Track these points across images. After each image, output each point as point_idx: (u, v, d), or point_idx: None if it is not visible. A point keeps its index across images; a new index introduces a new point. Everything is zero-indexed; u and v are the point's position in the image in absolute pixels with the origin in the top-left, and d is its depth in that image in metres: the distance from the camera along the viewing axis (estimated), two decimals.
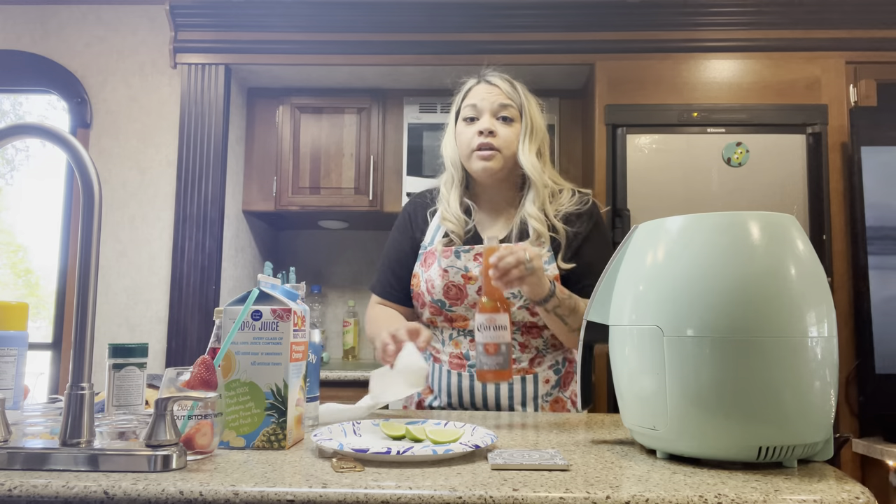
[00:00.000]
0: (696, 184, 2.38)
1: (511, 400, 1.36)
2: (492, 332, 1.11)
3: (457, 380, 1.38)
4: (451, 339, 1.40)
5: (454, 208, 1.42)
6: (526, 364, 1.38)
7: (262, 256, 3.06)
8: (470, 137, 1.39)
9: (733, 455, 0.79)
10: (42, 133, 0.82)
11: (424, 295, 1.41)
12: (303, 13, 2.58)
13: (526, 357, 1.38)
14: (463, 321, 1.39)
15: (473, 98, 1.41)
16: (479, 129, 1.37)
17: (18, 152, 3.40)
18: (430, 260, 1.41)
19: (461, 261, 1.38)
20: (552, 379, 1.40)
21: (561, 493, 0.68)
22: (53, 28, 2.91)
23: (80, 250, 0.82)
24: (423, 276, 1.41)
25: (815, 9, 2.45)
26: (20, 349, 1.03)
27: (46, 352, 2.86)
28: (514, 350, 1.35)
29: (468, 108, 1.41)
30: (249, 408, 0.88)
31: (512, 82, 1.43)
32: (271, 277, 0.99)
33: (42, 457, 0.76)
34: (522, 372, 1.37)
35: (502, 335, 1.12)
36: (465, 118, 1.41)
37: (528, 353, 1.38)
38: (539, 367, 1.39)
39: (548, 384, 1.39)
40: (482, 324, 1.12)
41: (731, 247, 0.80)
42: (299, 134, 2.81)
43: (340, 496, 0.68)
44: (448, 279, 1.37)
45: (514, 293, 1.34)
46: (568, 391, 1.43)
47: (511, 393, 1.36)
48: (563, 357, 1.43)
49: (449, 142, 1.47)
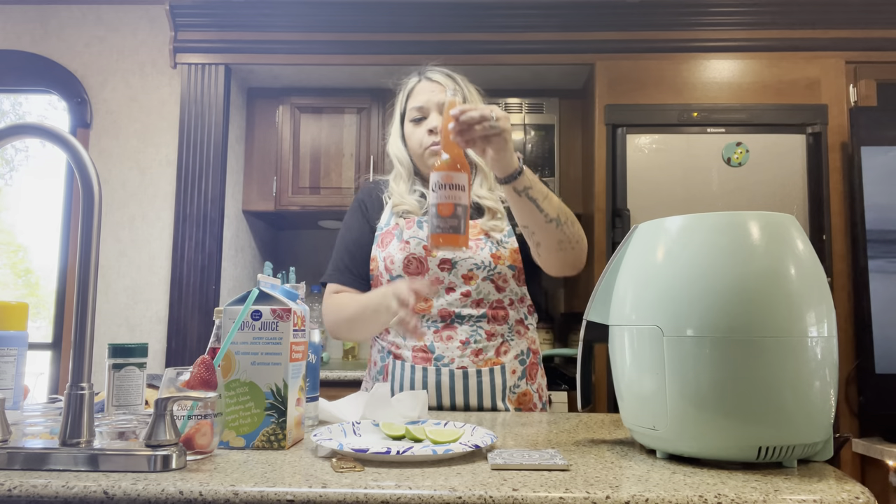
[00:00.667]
0: (696, 184, 2.38)
1: (480, 394, 1.33)
2: (447, 192, 1.03)
3: (421, 375, 1.33)
4: None
5: (407, 198, 1.42)
6: (492, 354, 1.35)
7: (262, 256, 3.06)
8: (421, 137, 1.41)
9: (733, 455, 0.79)
10: (42, 133, 0.82)
11: (383, 275, 1.38)
12: (303, 13, 2.59)
13: (492, 346, 1.35)
14: (424, 303, 1.35)
15: (418, 98, 1.43)
16: (429, 128, 1.39)
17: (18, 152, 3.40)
18: (388, 239, 1.40)
19: (423, 231, 1.37)
20: (518, 370, 1.38)
21: (561, 493, 0.68)
22: (53, 28, 2.91)
23: (80, 250, 0.82)
24: (381, 255, 1.40)
25: (815, 9, 2.45)
26: (20, 349, 1.03)
27: (46, 352, 2.86)
28: (481, 338, 1.33)
29: (414, 109, 1.43)
30: (249, 408, 0.88)
31: (452, 76, 1.45)
32: (271, 277, 0.99)
33: (42, 457, 0.76)
34: (490, 363, 1.34)
35: (459, 195, 1.04)
36: (413, 119, 1.43)
37: (493, 342, 1.35)
38: (505, 357, 1.36)
39: (514, 375, 1.37)
40: (437, 182, 1.04)
41: (731, 247, 0.80)
42: (299, 134, 2.81)
43: (340, 496, 0.68)
44: (409, 251, 1.35)
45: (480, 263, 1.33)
46: (535, 384, 1.41)
47: (480, 386, 1.33)
48: (526, 347, 1.41)
49: (395, 141, 1.48)
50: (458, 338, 1.34)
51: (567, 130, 2.78)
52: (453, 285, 1.35)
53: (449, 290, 1.35)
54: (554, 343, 2.96)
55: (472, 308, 1.35)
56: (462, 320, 1.34)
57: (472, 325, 1.34)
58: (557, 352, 2.64)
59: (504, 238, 1.37)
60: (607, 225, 2.40)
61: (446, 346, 1.33)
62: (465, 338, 1.34)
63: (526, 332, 1.42)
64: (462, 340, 1.33)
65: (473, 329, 1.34)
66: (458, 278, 1.35)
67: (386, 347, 1.41)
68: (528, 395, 1.39)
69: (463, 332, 1.34)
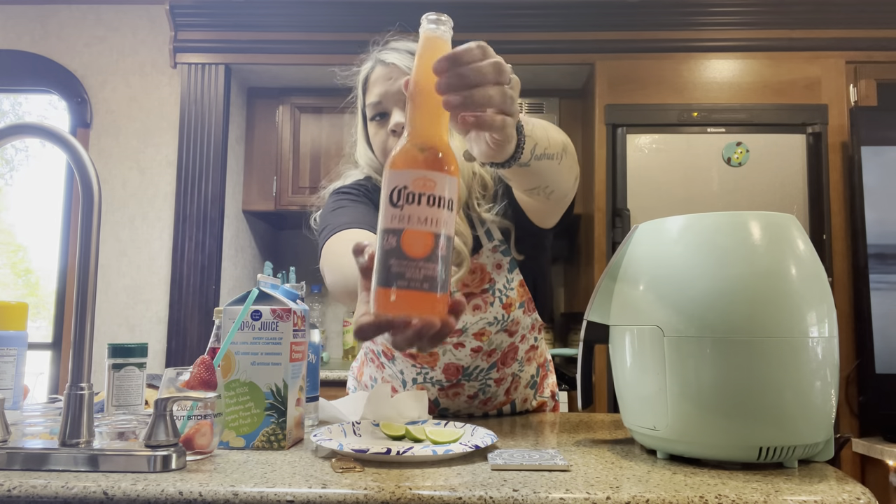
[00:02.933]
0: (696, 184, 2.38)
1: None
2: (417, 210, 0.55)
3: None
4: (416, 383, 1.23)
5: None
6: (502, 398, 1.23)
7: (262, 256, 3.06)
8: (384, 140, 1.14)
9: (733, 455, 0.79)
10: (42, 133, 0.82)
11: None
12: (303, 13, 2.58)
13: (501, 390, 1.21)
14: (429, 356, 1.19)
15: (375, 91, 1.14)
16: (392, 127, 1.11)
17: (18, 152, 3.40)
18: None
19: None
20: (529, 396, 1.29)
21: (561, 494, 0.68)
22: (53, 28, 2.91)
23: (80, 250, 0.82)
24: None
25: (815, 9, 2.45)
26: (20, 349, 1.02)
27: (46, 352, 2.86)
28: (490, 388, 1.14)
29: (371, 105, 1.14)
30: (249, 408, 0.88)
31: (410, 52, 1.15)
32: (271, 277, 0.99)
33: (41, 457, 0.75)
34: (499, 405, 1.23)
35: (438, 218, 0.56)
36: (373, 117, 1.15)
37: (503, 386, 1.21)
38: (515, 392, 1.25)
39: (526, 403, 1.28)
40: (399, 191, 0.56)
41: (731, 247, 0.80)
42: (299, 134, 2.81)
43: (340, 496, 0.67)
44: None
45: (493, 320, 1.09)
46: (547, 391, 1.33)
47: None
48: (536, 368, 1.28)
49: (362, 148, 1.22)
50: (466, 393, 1.21)
51: (567, 130, 2.72)
52: (463, 342, 1.15)
53: (458, 345, 1.15)
54: (554, 343, 2.96)
55: (482, 360, 1.17)
56: (470, 376, 1.18)
57: (480, 380, 1.19)
58: (557, 352, 2.64)
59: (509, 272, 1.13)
60: (607, 225, 2.40)
61: (453, 402, 1.22)
62: (474, 392, 1.21)
63: (534, 352, 1.26)
64: (470, 395, 1.21)
65: (482, 383, 1.20)
66: (468, 337, 1.15)
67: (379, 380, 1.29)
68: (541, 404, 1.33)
69: (471, 388, 1.20)
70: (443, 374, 1.17)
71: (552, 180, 0.94)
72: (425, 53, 0.59)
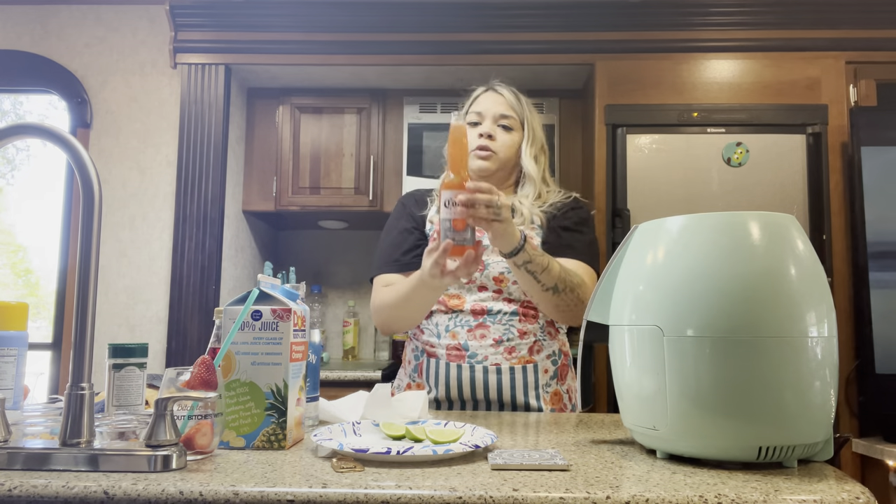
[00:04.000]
0: (696, 184, 2.38)
1: (513, 390, 1.37)
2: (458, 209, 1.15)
3: (456, 372, 1.38)
4: (448, 330, 1.40)
5: None
6: (525, 353, 1.39)
7: (262, 256, 3.06)
8: (472, 139, 1.48)
9: (733, 455, 0.79)
10: (42, 133, 0.82)
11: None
12: (303, 13, 2.58)
13: (525, 344, 1.39)
14: (458, 300, 1.41)
15: (479, 105, 1.52)
16: (480, 132, 1.48)
17: (19, 152, 3.40)
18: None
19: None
20: (550, 370, 1.42)
21: (561, 494, 0.68)
22: (53, 28, 2.91)
23: (80, 250, 0.82)
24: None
25: (815, 9, 2.45)
26: (20, 349, 1.03)
27: (46, 352, 2.86)
28: (514, 336, 1.39)
29: (473, 114, 1.52)
30: (249, 408, 0.88)
31: (517, 94, 1.55)
32: (271, 277, 1.00)
33: (42, 457, 0.76)
34: (523, 361, 1.39)
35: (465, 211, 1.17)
36: (470, 122, 1.52)
37: (526, 341, 1.40)
38: (538, 356, 1.40)
39: (547, 374, 1.41)
40: (449, 199, 1.16)
41: (731, 247, 0.80)
42: (299, 134, 2.81)
43: (340, 496, 0.68)
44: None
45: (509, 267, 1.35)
46: (565, 385, 1.45)
47: (513, 383, 1.37)
48: (558, 348, 1.45)
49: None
50: (492, 336, 1.38)
51: (567, 130, 2.78)
52: (485, 285, 1.41)
53: (481, 288, 1.41)
54: None
55: (504, 304, 1.40)
56: (494, 318, 1.39)
57: (504, 323, 1.39)
58: None
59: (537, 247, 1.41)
60: (607, 225, 2.40)
61: (480, 343, 1.38)
62: (499, 336, 1.38)
63: (557, 335, 1.47)
64: (496, 338, 1.38)
65: (506, 327, 1.39)
66: (489, 280, 1.40)
67: (420, 346, 1.45)
68: (558, 396, 1.43)
69: (496, 331, 1.38)
70: (470, 314, 1.40)
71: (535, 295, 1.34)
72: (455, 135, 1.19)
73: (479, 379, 1.37)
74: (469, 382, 1.37)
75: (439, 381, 1.40)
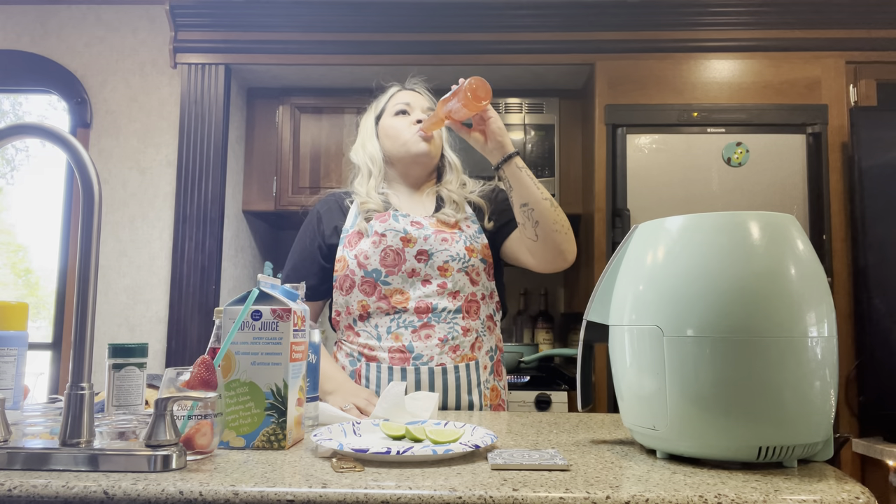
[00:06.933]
0: (696, 184, 2.38)
1: (458, 389, 1.36)
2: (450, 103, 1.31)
3: (399, 375, 1.35)
4: (390, 332, 1.37)
5: (374, 196, 1.47)
6: (468, 350, 1.39)
7: (262, 256, 3.06)
8: (406, 126, 1.49)
9: (733, 455, 0.79)
10: (42, 133, 0.82)
11: (356, 272, 1.39)
12: (303, 13, 2.58)
13: (468, 342, 1.39)
14: (400, 296, 1.38)
15: (404, 98, 1.53)
16: (416, 118, 1.49)
17: (18, 152, 3.40)
18: (356, 238, 1.42)
19: (399, 223, 1.40)
20: (489, 365, 1.43)
21: (561, 493, 0.68)
22: (53, 28, 2.91)
23: (80, 250, 0.82)
24: (351, 254, 1.41)
25: (815, 9, 2.45)
26: (20, 349, 1.03)
27: (46, 352, 2.85)
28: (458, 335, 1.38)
29: (399, 104, 1.52)
30: (249, 408, 0.88)
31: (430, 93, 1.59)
32: (271, 277, 1.00)
33: (42, 457, 0.76)
34: (466, 359, 1.38)
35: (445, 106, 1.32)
36: (398, 112, 1.51)
37: (469, 338, 1.39)
38: (479, 353, 1.41)
39: (486, 370, 1.42)
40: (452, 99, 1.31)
41: (731, 247, 0.80)
42: (299, 134, 2.81)
43: (340, 496, 0.68)
44: (385, 244, 1.38)
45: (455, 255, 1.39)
46: (502, 381, 1.48)
47: (458, 382, 1.36)
48: (494, 344, 1.47)
49: (368, 142, 1.54)
50: (437, 335, 1.36)
51: (567, 130, 2.78)
52: (429, 277, 1.39)
53: (425, 281, 1.39)
54: (554, 343, 2.96)
55: (448, 300, 1.38)
56: (439, 317, 1.37)
57: (448, 321, 1.38)
58: (557, 352, 2.64)
59: (476, 234, 1.45)
60: (607, 225, 2.40)
61: (425, 344, 1.36)
62: (444, 335, 1.37)
63: (494, 329, 1.48)
64: (440, 338, 1.36)
65: (450, 326, 1.38)
66: (433, 270, 1.39)
67: (356, 350, 1.42)
68: (496, 392, 1.45)
69: (441, 330, 1.37)
70: (414, 314, 1.37)
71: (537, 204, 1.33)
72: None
73: (425, 381, 1.34)
74: (414, 385, 1.34)
75: (381, 384, 1.36)
